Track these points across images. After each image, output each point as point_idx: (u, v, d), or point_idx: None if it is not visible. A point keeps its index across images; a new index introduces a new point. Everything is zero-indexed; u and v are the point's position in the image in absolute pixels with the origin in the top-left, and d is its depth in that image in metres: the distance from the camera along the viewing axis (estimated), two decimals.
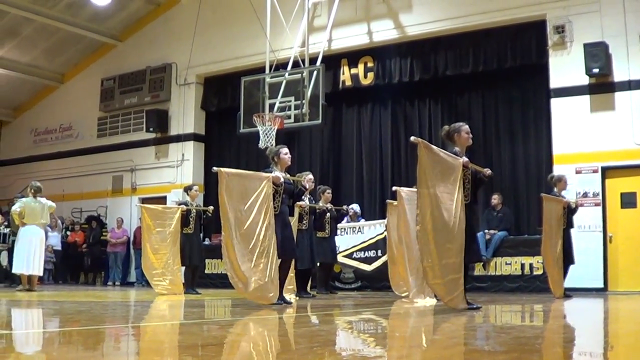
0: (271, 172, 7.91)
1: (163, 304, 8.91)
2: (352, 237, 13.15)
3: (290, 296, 9.19)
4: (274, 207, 7.83)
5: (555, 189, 10.37)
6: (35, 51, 19.04)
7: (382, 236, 12.22)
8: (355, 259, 13.01)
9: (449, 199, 6.61)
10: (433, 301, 8.50)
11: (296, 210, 9.89)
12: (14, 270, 12.16)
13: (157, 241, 11.27)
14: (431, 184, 6.53)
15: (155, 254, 11.27)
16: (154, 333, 5.20)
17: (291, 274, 9.58)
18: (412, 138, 6.54)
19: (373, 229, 12.95)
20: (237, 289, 7.56)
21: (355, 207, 13.68)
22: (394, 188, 9.83)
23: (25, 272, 11.69)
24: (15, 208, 11.98)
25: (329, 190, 11.66)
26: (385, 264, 11.32)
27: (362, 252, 12.96)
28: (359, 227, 13.22)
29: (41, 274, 12.41)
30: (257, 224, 7.57)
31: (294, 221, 9.57)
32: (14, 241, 13.36)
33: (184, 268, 11.63)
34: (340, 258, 12.80)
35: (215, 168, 7.64)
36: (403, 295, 10.03)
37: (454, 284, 6.62)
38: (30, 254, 11.66)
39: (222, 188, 7.53)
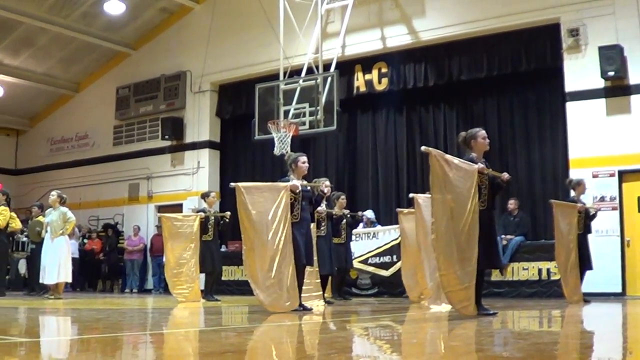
0: (288, 181, 7.94)
1: (181, 311, 8.95)
2: (367, 243, 13.13)
3: (319, 302, 9.20)
4: (294, 215, 7.87)
5: (574, 193, 10.31)
6: (51, 61, 19.22)
7: (397, 241, 12.18)
8: (371, 264, 12.99)
9: (464, 206, 6.58)
10: (448, 307, 8.46)
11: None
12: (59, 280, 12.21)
13: (178, 249, 11.36)
14: (445, 192, 6.52)
15: (177, 262, 11.34)
16: (173, 340, 5.22)
17: (316, 280, 9.59)
18: (423, 148, 6.54)
19: (388, 235, 12.93)
20: (258, 301, 7.64)
21: (369, 213, 13.67)
22: (410, 195, 9.79)
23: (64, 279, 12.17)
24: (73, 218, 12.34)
25: (344, 196, 11.67)
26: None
27: (378, 258, 12.94)
28: (374, 233, 13.20)
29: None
30: (277, 234, 7.62)
31: (312, 228, 9.57)
32: (32, 249, 13.47)
33: (202, 275, 11.68)
34: (355, 264, 12.78)
35: (232, 184, 7.67)
36: (421, 301, 10.00)
37: (468, 291, 6.59)
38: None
39: (242, 202, 7.56)
